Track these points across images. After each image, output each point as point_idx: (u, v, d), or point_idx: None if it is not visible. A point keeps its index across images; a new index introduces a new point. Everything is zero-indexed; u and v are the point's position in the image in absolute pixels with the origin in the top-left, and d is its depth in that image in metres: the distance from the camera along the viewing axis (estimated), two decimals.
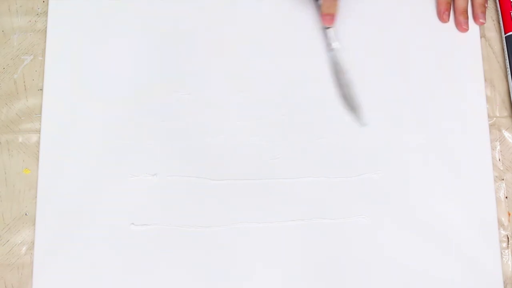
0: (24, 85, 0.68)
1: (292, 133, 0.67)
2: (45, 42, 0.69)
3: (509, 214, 0.66)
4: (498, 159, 0.68)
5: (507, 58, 0.69)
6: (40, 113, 0.67)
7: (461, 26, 0.70)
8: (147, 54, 0.69)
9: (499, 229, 0.65)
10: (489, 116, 0.68)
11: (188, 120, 0.67)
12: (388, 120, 0.68)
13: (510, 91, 0.68)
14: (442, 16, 0.70)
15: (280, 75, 0.69)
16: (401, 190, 0.66)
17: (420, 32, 0.70)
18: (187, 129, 0.67)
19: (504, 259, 0.65)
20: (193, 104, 0.68)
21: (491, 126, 0.68)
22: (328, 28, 0.68)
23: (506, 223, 0.66)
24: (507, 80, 0.70)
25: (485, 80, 0.69)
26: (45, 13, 0.70)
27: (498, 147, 0.68)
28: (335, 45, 0.68)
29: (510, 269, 0.65)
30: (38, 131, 0.67)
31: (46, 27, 0.69)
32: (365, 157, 0.67)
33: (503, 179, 0.67)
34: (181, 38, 0.69)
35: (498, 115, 0.69)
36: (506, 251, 0.65)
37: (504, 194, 0.67)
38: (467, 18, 0.70)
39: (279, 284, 0.64)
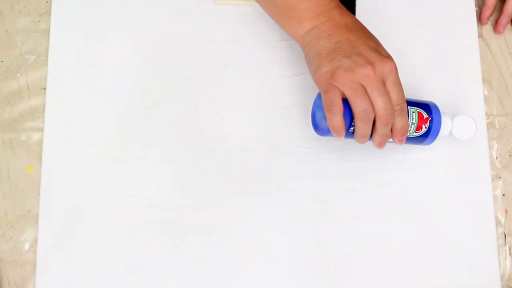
0: (27, 84, 0.69)
1: (293, 135, 0.68)
2: (48, 41, 0.69)
3: (506, 212, 0.67)
4: (495, 158, 0.68)
5: None
6: (43, 112, 0.68)
7: (502, 28, 0.71)
8: (149, 54, 0.69)
9: (496, 226, 0.66)
10: (486, 115, 0.69)
11: (190, 121, 0.68)
12: None
13: None
14: (485, 20, 0.71)
15: (274, 78, 0.69)
16: (399, 189, 0.67)
17: (418, 33, 0.71)
18: (190, 129, 0.68)
19: (501, 256, 0.66)
20: (194, 103, 0.68)
21: (489, 124, 0.69)
22: None
23: (503, 220, 0.67)
24: (504, 80, 0.70)
25: (483, 79, 0.70)
26: (48, 13, 0.70)
27: (496, 146, 0.69)
28: None
29: (507, 266, 0.66)
30: (41, 129, 0.67)
31: (49, 27, 0.70)
32: (363, 156, 0.68)
33: (500, 177, 0.68)
34: (182, 38, 0.70)
35: (495, 113, 0.70)
36: (503, 248, 0.66)
37: (501, 192, 0.68)
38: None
39: (284, 283, 0.65)
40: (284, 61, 0.69)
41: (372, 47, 0.57)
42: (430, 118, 0.61)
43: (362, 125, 0.57)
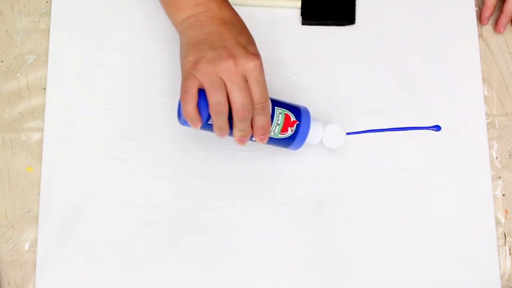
0: (27, 84, 0.69)
1: None
2: (48, 41, 0.69)
3: (506, 212, 0.67)
4: (495, 158, 0.68)
5: None
6: (43, 112, 0.68)
7: (502, 27, 0.71)
8: (148, 54, 0.69)
9: (496, 226, 0.66)
10: (486, 115, 0.69)
11: None
12: (386, 120, 0.68)
13: None
14: (486, 20, 0.71)
15: (271, 78, 0.69)
16: (399, 189, 0.67)
17: (418, 33, 0.71)
18: (190, 129, 0.67)
19: (501, 256, 0.66)
20: None
21: (489, 125, 0.69)
22: None
23: (503, 220, 0.67)
24: (504, 80, 0.70)
25: (483, 79, 0.70)
26: (48, 13, 0.70)
27: (496, 146, 0.69)
28: None
29: (507, 266, 0.65)
30: (41, 129, 0.67)
31: (49, 27, 0.70)
32: (363, 156, 0.68)
33: (500, 177, 0.68)
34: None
35: (495, 114, 0.70)
36: (503, 248, 0.66)
37: (501, 192, 0.67)
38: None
39: (284, 283, 0.65)
40: (281, 61, 0.69)
41: (241, 43, 0.57)
42: (297, 122, 0.60)
43: (216, 117, 0.57)
